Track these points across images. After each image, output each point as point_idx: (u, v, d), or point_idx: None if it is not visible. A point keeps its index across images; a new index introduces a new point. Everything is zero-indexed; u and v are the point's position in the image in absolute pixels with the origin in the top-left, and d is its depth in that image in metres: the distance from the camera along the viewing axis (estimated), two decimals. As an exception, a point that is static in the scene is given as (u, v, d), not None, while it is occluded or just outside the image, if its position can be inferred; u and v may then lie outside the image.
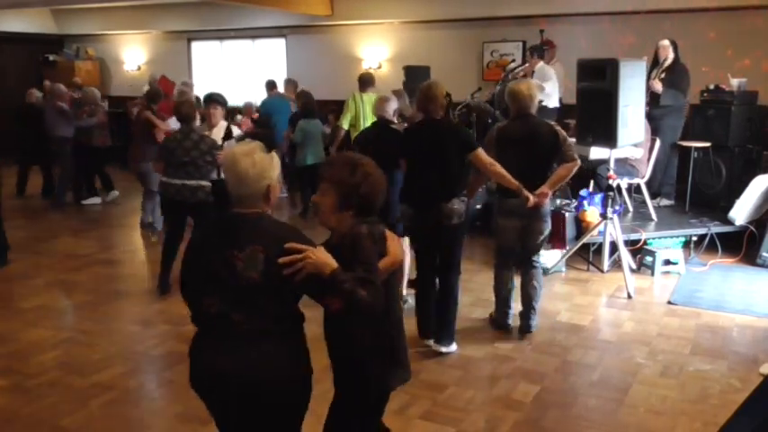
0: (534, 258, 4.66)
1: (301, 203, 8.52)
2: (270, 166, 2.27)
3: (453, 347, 4.40)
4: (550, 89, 8.08)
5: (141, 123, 7.40)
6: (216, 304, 2.21)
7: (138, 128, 7.47)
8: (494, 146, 4.50)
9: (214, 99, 6.06)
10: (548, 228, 4.62)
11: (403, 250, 2.23)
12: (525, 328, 4.68)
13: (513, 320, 4.79)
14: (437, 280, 4.46)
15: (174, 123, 7.18)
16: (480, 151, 4.28)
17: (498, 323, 4.81)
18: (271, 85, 9.99)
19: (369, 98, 7.19)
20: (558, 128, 4.60)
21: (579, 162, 4.57)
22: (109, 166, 9.70)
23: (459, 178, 4.36)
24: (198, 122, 5.94)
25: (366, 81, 7.39)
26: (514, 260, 4.73)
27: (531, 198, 4.36)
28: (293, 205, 9.01)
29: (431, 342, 4.42)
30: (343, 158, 2.45)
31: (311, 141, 7.99)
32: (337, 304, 2.20)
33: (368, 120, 7.19)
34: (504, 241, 4.67)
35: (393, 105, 5.14)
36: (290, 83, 10.09)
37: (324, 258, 2.15)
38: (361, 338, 2.40)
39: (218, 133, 5.82)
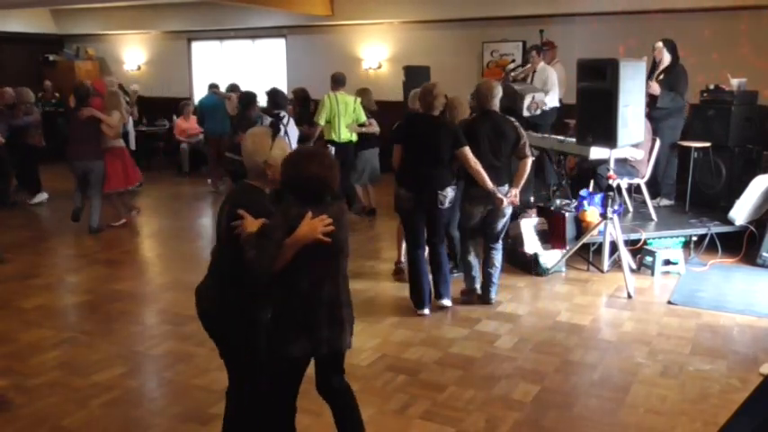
0: (494, 245, 5.25)
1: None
2: (266, 146, 2.77)
3: (450, 302, 5.15)
4: (550, 102, 8.03)
5: (83, 121, 7.36)
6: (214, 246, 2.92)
7: (81, 125, 7.37)
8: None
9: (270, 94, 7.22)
10: (509, 212, 5.20)
11: (313, 231, 2.60)
12: (486, 300, 5.29)
13: (498, 294, 5.35)
14: (427, 252, 5.14)
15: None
16: (467, 149, 4.84)
17: (468, 290, 5.35)
18: (212, 86, 10.59)
19: (342, 97, 7.59)
20: (518, 124, 5.13)
21: (532, 157, 5.16)
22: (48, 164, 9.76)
23: (451, 170, 4.95)
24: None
25: (338, 80, 7.74)
26: (478, 239, 5.33)
27: (505, 200, 4.99)
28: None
29: (425, 311, 5.03)
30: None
31: None
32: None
33: (342, 117, 7.54)
34: (469, 224, 5.22)
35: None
36: (233, 89, 10.15)
37: (248, 225, 2.59)
38: (257, 305, 2.77)
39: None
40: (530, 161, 5.08)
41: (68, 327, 4.96)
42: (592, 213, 6.17)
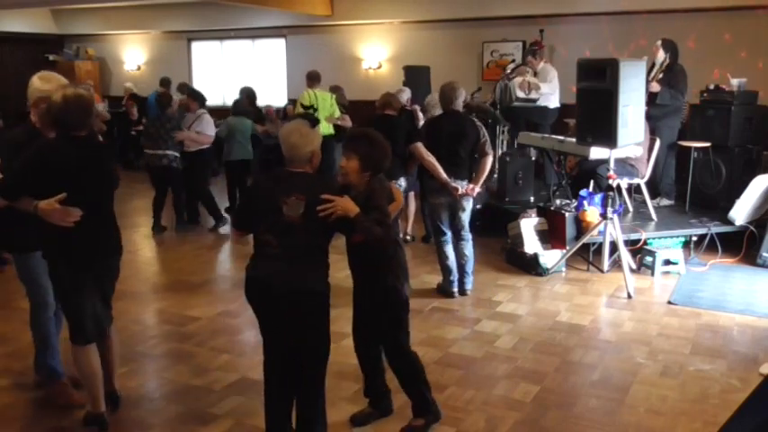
0: (463, 233, 5.39)
1: (228, 198, 8.50)
2: (314, 138, 3.11)
3: None
4: (548, 90, 8.08)
5: None
6: (264, 233, 3.03)
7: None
8: (424, 138, 5.31)
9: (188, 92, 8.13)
10: (470, 204, 5.36)
11: (402, 199, 3.32)
12: (462, 291, 5.49)
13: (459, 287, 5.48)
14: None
15: None
16: (419, 144, 5.23)
17: (444, 290, 5.49)
18: (162, 83, 11.09)
19: (320, 93, 7.86)
20: (480, 123, 5.33)
21: (492, 155, 5.35)
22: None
23: (407, 163, 5.48)
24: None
25: (315, 77, 8.07)
26: (450, 234, 5.46)
27: (460, 189, 5.17)
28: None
29: None
30: (361, 135, 3.27)
31: (237, 138, 8.14)
32: (359, 238, 3.08)
33: (321, 112, 7.76)
34: (438, 218, 5.38)
35: (405, 96, 6.35)
36: (182, 87, 10.33)
37: (350, 205, 2.96)
38: (384, 262, 3.24)
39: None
40: (490, 158, 5.29)
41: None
42: (592, 213, 6.17)
